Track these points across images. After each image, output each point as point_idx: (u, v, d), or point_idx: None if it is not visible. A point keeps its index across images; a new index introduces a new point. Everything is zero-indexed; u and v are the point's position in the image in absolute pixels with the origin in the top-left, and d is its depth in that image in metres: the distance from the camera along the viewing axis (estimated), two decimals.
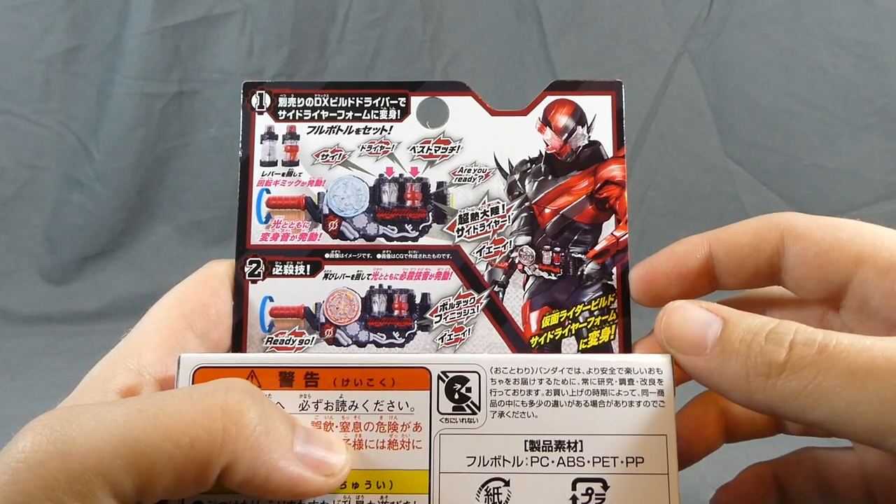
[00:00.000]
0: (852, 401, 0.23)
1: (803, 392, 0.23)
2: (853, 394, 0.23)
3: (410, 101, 0.32)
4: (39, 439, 0.22)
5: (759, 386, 0.24)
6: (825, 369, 0.23)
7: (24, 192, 1.16)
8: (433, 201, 0.32)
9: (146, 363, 0.28)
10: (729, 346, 0.25)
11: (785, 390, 0.24)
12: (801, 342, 0.24)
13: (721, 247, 0.29)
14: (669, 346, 0.27)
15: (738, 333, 0.25)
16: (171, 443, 0.23)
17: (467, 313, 0.31)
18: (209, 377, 0.27)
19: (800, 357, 0.24)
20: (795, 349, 0.24)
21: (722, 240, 0.30)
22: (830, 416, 0.23)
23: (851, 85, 1.16)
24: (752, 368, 0.24)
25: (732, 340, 0.25)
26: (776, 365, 0.24)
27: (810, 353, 0.23)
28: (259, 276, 0.31)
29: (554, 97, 0.32)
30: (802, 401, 0.23)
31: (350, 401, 0.27)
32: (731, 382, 0.25)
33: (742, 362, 0.24)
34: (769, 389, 0.24)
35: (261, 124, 0.32)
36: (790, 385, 0.23)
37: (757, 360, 0.24)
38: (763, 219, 0.29)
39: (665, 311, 0.27)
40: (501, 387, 0.27)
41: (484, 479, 0.27)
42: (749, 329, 0.25)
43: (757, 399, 0.25)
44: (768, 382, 0.24)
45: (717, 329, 0.26)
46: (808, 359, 0.23)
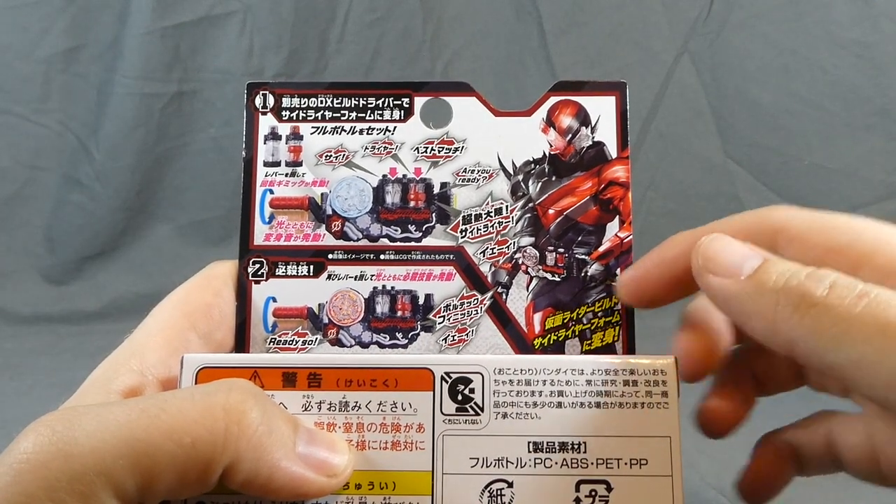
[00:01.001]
0: (878, 351, 0.22)
1: (829, 331, 0.23)
2: (881, 344, 0.22)
3: (414, 102, 0.32)
4: (41, 440, 0.22)
5: (786, 316, 0.24)
6: (859, 315, 0.22)
7: (24, 192, 1.16)
8: (437, 202, 0.31)
9: (149, 364, 0.28)
10: (765, 277, 0.25)
11: (812, 325, 0.23)
12: (842, 284, 0.23)
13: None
14: (704, 266, 0.26)
15: (778, 268, 0.25)
16: (173, 443, 0.23)
17: (471, 314, 0.31)
18: (212, 377, 0.27)
19: (838, 297, 0.23)
20: (835, 289, 0.23)
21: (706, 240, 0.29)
22: (851, 362, 0.23)
23: (851, 85, 1.16)
24: (783, 297, 0.24)
25: (770, 272, 0.25)
26: (810, 298, 0.23)
27: (850, 295, 0.23)
28: (262, 276, 0.31)
29: (558, 98, 0.32)
30: (826, 340, 0.23)
31: (353, 401, 0.27)
32: (758, 308, 0.24)
33: (775, 291, 0.24)
34: (795, 321, 0.23)
35: (264, 125, 0.32)
36: (820, 321, 0.23)
37: (791, 292, 0.24)
38: (756, 216, 0.28)
39: (705, 238, 0.27)
40: (505, 388, 0.27)
41: (487, 480, 0.27)
42: (789, 268, 0.24)
43: (780, 329, 0.24)
44: (796, 314, 0.23)
45: (756, 262, 0.25)
46: (847, 301, 0.23)
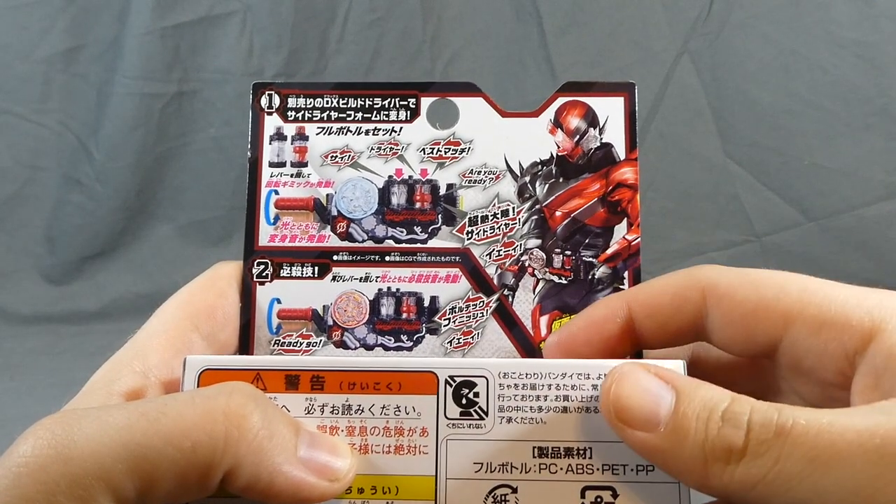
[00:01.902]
0: (816, 488, 0.21)
1: (763, 480, 0.22)
2: (816, 481, 0.21)
3: (420, 102, 0.32)
4: (41, 443, 0.22)
5: (718, 472, 0.22)
6: (785, 455, 0.21)
7: (24, 192, 1.16)
8: (443, 203, 0.31)
9: (152, 365, 0.28)
10: (685, 425, 0.23)
11: (745, 478, 0.22)
12: (758, 423, 0.22)
13: (640, 309, 0.28)
14: (618, 419, 0.24)
15: (694, 409, 0.23)
16: (173, 447, 0.23)
17: (476, 317, 0.31)
18: (215, 379, 0.27)
19: (758, 441, 0.22)
20: (753, 432, 0.22)
21: (640, 301, 0.28)
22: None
23: (851, 85, 1.16)
24: (710, 453, 0.22)
25: (688, 417, 0.23)
26: (735, 450, 0.22)
27: (767, 436, 0.22)
28: (267, 277, 0.31)
29: (566, 98, 0.31)
30: (763, 489, 0.22)
31: (356, 404, 0.27)
32: (687, 466, 0.23)
33: (699, 445, 0.23)
34: (728, 476, 0.22)
35: (270, 125, 0.32)
36: (750, 473, 0.22)
37: (714, 443, 0.22)
38: (683, 275, 0.27)
39: (613, 378, 0.25)
40: (510, 392, 0.27)
41: (491, 485, 0.26)
42: (705, 405, 0.23)
43: (713, 485, 0.23)
44: (727, 469, 0.22)
45: (670, 402, 0.23)
46: (767, 443, 0.22)
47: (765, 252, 1.16)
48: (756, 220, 1.17)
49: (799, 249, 1.15)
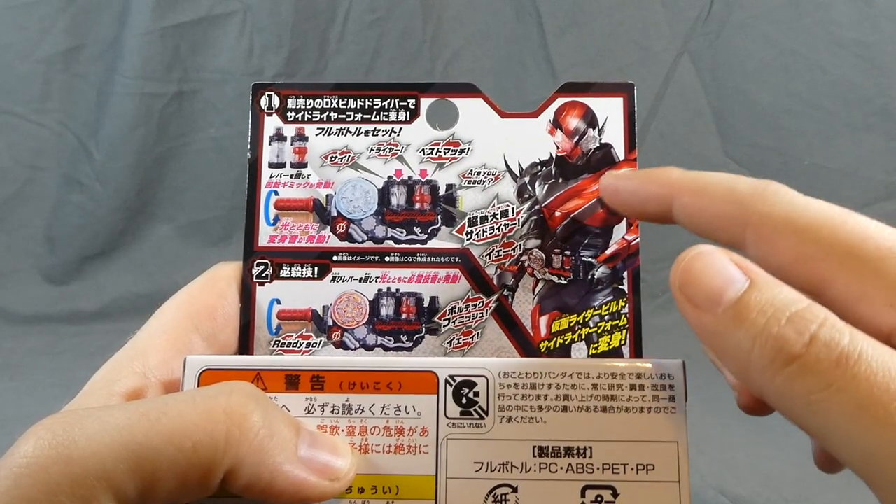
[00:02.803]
0: (854, 428, 0.19)
1: (803, 397, 0.20)
2: (859, 431, 0.19)
3: (420, 103, 0.32)
4: (42, 444, 0.22)
5: (759, 368, 0.21)
6: (837, 387, 0.20)
7: (24, 192, 1.16)
8: (442, 204, 0.31)
9: (152, 365, 0.28)
10: (744, 313, 0.21)
11: (784, 386, 0.21)
12: (823, 339, 0.20)
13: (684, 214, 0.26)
14: (681, 292, 0.23)
15: (760, 302, 0.21)
16: (174, 447, 0.23)
17: (476, 317, 0.31)
18: (215, 379, 0.27)
19: (815, 358, 0.20)
20: (814, 345, 0.20)
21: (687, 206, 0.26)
22: (826, 433, 0.20)
23: (851, 85, 1.16)
24: (758, 346, 0.21)
25: (751, 308, 0.21)
26: (786, 353, 0.20)
27: (827, 356, 0.20)
28: (267, 278, 0.31)
29: (565, 99, 0.31)
30: (799, 407, 0.20)
31: (356, 404, 0.27)
32: (732, 352, 0.22)
33: (751, 336, 0.21)
34: (768, 376, 0.21)
35: (269, 126, 0.32)
36: (792, 383, 0.20)
37: (767, 341, 0.21)
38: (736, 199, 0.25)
39: (688, 253, 0.24)
40: (510, 391, 0.27)
41: (491, 485, 0.26)
42: (773, 301, 0.21)
43: (752, 379, 0.21)
44: (769, 369, 0.21)
45: (739, 289, 0.22)
46: (822, 364, 0.20)
47: None
48: None
49: None
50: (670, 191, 0.26)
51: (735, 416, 0.28)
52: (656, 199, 0.27)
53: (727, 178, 0.25)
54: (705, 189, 0.25)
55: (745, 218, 0.24)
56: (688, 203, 0.26)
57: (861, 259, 0.22)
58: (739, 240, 0.24)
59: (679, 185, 0.26)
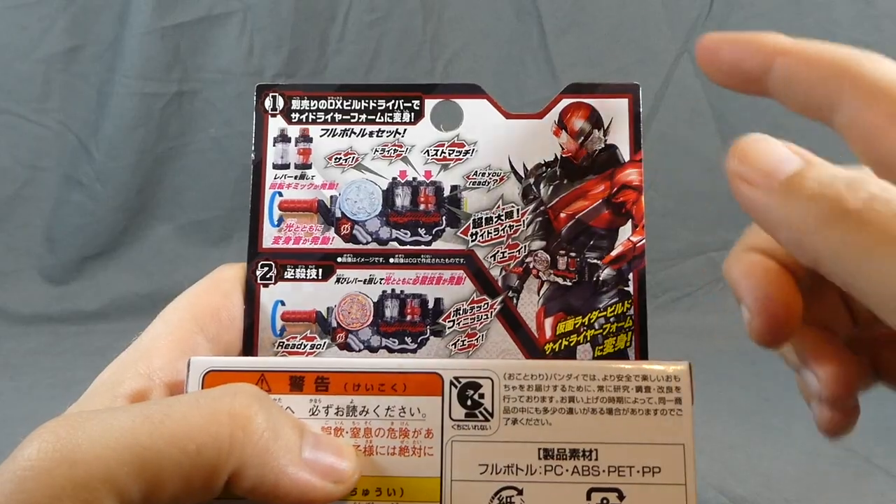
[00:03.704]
0: None
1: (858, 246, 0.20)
2: None
3: (424, 104, 0.32)
4: (45, 447, 0.22)
5: (814, 227, 0.21)
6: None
7: (24, 192, 1.16)
8: (447, 205, 0.31)
9: (156, 367, 0.28)
10: (800, 184, 0.22)
11: (840, 238, 0.20)
12: (882, 198, 0.20)
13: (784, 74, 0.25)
14: (737, 172, 0.23)
15: (817, 175, 0.22)
16: (178, 449, 0.22)
17: (481, 319, 0.31)
18: (219, 381, 0.27)
19: (875, 210, 0.20)
20: (875, 201, 0.20)
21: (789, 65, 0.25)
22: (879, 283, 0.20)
23: None
24: (814, 206, 0.21)
25: (808, 179, 0.22)
26: (843, 208, 0.20)
27: (887, 211, 0.20)
28: (271, 279, 0.31)
29: (570, 100, 0.31)
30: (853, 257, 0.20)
31: (361, 406, 0.27)
32: (786, 217, 0.22)
33: (807, 199, 0.21)
34: (824, 233, 0.21)
35: (273, 127, 0.32)
36: (848, 234, 0.20)
37: (824, 200, 0.21)
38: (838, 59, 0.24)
39: (744, 138, 0.24)
40: (515, 393, 0.27)
41: (497, 487, 0.26)
42: (831, 173, 0.22)
43: (805, 242, 0.21)
44: (826, 225, 0.21)
45: (793, 166, 0.22)
46: (883, 216, 0.20)
47: None
48: None
49: None
50: (773, 50, 0.26)
51: (735, 415, 0.28)
52: (758, 57, 0.26)
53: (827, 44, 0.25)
54: (809, 50, 0.25)
55: (846, 75, 0.24)
56: (791, 62, 0.25)
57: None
58: (836, 100, 0.24)
59: (783, 46, 0.25)
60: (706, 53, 0.27)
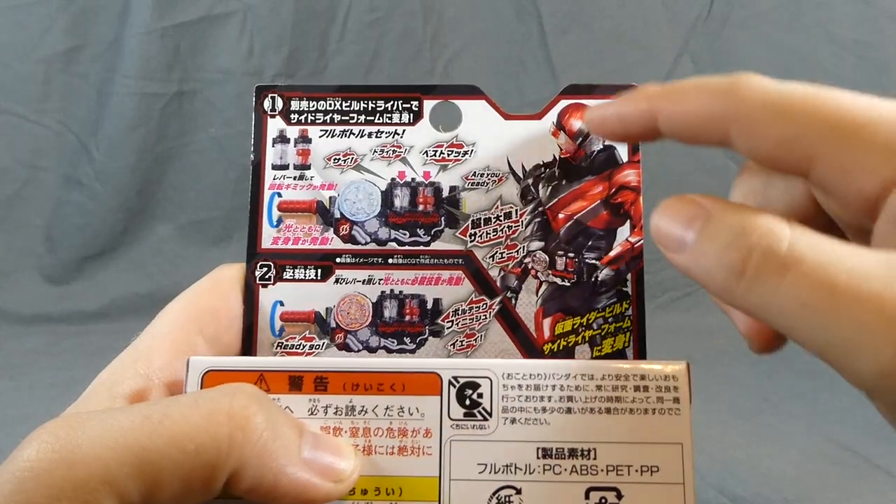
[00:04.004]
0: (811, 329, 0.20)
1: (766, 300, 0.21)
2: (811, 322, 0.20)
3: (423, 105, 0.32)
4: (45, 447, 0.22)
5: (722, 287, 0.22)
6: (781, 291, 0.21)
7: (24, 192, 1.16)
8: (445, 206, 0.31)
9: (155, 367, 0.28)
10: (700, 247, 0.23)
11: (743, 300, 0.22)
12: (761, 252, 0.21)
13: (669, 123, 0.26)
14: (658, 242, 0.25)
15: (715, 231, 0.23)
16: (177, 450, 0.23)
17: (479, 319, 0.31)
18: (218, 380, 0.27)
19: (756, 271, 0.21)
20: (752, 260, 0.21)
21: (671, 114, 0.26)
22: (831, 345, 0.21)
23: (851, 85, 1.15)
24: (715, 271, 0.22)
25: (704, 240, 0.23)
26: (734, 273, 0.22)
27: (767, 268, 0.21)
28: (270, 280, 0.31)
29: (568, 101, 0.31)
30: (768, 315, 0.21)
31: (360, 405, 0.27)
32: (703, 280, 0.23)
33: (711, 263, 0.22)
34: (730, 293, 0.22)
35: (273, 128, 0.32)
36: (748, 297, 0.21)
37: (720, 263, 0.22)
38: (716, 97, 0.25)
39: (657, 209, 0.25)
40: (513, 393, 0.27)
41: (495, 486, 0.26)
42: (727, 227, 0.22)
43: (724, 298, 0.23)
44: (728, 287, 0.22)
45: (699, 226, 0.23)
46: (765, 275, 0.21)
47: None
48: None
49: None
50: (651, 104, 0.26)
51: (735, 415, 0.28)
52: (641, 115, 0.26)
53: (702, 80, 0.25)
54: (684, 93, 0.25)
55: (725, 112, 0.24)
56: (671, 111, 0.26)
57: (844, 130, 0.22)
58: (725, 138, 0.25)
59: (659, 97, 0.26)
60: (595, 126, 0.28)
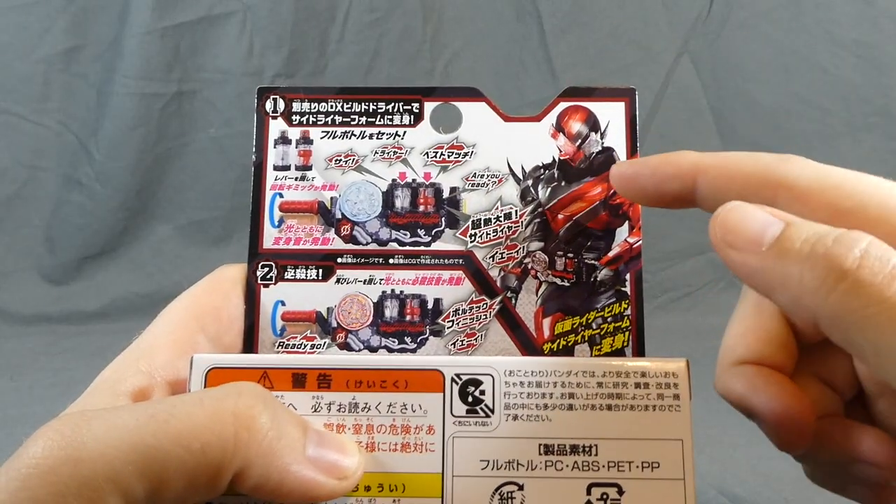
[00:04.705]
0: None
1: (858, 312, 0.20)
2: None
3: (424, 107, 0.32)
4: (50, 444, 0.22)
5: (811, 289, 0.21)
6: (892, 297, 0.20)
7: (24, 192, 1.16)
8: (446, 206, 0.31)
9: (157, 365, 0.28)
10: (789, 245, 0.22)
11: (839, 303, 0.20)
12: (874, 255, 0.20)
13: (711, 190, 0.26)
14: (723, 240, 0.24)
15: (802, 234, 0.22)
16: (183, 448, 0.23)
17: (480, 319, 0.31)
18: (222, 378, 0.27)
19: (870, 272, 0.20)
20: (866, 259, 0.20)
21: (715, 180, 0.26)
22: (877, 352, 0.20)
23: (851, 85, 1.16)
24: (808, 268, 0.21)
25: (794, 239, 0.22)
26: (838, 271, 0.20)
27: (882, 271, 0.20)
28: (271, 280, 0.31)
29: (567, 103, 0.32)
30: (854, 323, 0.20)
31: (363, 402, 0.27)
32: (781, 280, 0.22)
33: (800, 261, 0.21)
34: (821, 296, 0.21)
35: (274, 129, 0.32)
36: (847, 299, 0.20)
37: (817, 262, 0.21)
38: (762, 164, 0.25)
39: (722, 208, 0.24)
40: (515, 389, 0.27)
41: (498, 482, 0.26)
42: (815, 231, 0.22)
43: (804, 304, 0.22)
44: (822, 288, 0.21)
45: (777, 229, 0.22)
46: (878, 277, 0.20)
47: None
48: None
49: None
50: (693, 169, 0.27)
51: (735, 415, 0.28)
52: (678, 179, 0.27)
53: (750, 153, 0.26)
54: (729, 162, 0.26)
55: (775, 182, 0.25)
56: (715, 177, 0.26)
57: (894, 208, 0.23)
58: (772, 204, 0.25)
59: (702, 163, 0.27)
60: (624, 182, 0.29)
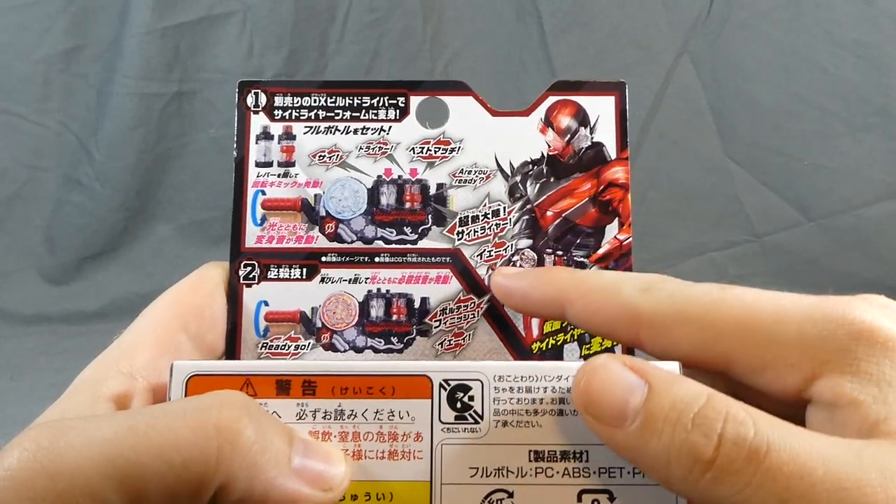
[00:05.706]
0: None
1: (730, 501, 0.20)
2: None
3: (410, 101, 0.31)
4: (26, 456, 0.21)
5: (680, 478, 0.21)
6: (755, 484, 0.20)
7: (24, 192, 1.16)
8: (433, 203, 0.31)
9: (139, 366, 0.27)
10: (651, 424, 0.22)
11: (708, 492, 0.21)
12: (730, 439, 0.21)
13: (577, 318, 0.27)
14: (587, 413, 0.24)
15: (663, 409, 0.22)
16: (163, 463, 0.22)
17: (467, 318, 0.31)
18: (203, 385, 0.26)
19: (727, 459, 0.20)
20: (723, 447, 0.21)
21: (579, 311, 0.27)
22: None
23: (851, 85, 1.16)
24: (674, 458, 0.21)
25: (656, 417, 0.22)
26: (702, 461, 0.21)
27: (738, 456, 0.20)
28: (254, 279, 0.31)
29: (556, 97, 0.31)
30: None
31: (349, 409, 0.27)
32: (653, 466, 0.22)
33: (664, 448, 0.21)
34: (692, 484, 0.21)
35: (256, 124, 0.31)
36: (716, 488, 0.21)
37: (681, 449, 0.21)
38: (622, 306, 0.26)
39: (585, 370, 0.24)
40: (505, 395, 0.27)
41: (487, 490, 0.26)
42: (675, 404, 0.22)
43: (678, 489, 0.22)
44: (690, 478, 0.21)
45: (640, 397, 0.22)
46: (737, 464, 0.20)
47: (765, 252, 1.16)
48: (756, 220, 1.17)
49: (799, 249, 1.15)
50: (560, 294, 0.27)
51: None
52: (548, 302, 0.28)
53: (612, 280, 0.27)
54: (592, 293, 0.27)
55: (635, 319, 0.25)
56: (579, 308, 0.27)
57: (754, 331, 0.23)
58: (636, 340, 0.26)
59: (567, 290, 0.27)
60: (501, 294, 0.29)
